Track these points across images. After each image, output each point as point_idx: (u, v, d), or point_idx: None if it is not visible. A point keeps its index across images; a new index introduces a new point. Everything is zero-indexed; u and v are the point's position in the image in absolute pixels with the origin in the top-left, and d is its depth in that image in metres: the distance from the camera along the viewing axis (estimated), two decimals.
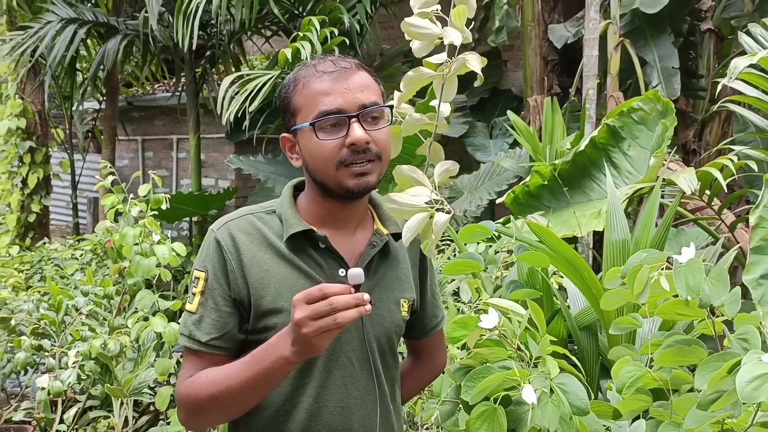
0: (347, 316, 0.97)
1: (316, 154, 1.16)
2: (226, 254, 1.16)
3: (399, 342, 1.31)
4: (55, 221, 7.90)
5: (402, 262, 1.29)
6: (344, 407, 1.18)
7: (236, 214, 1.22)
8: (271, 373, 1.06)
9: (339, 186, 1.16)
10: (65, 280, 4.11)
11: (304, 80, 1.18)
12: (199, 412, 1.14)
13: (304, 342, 1.00)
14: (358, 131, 1.14)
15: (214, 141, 6.18)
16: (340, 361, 1.19)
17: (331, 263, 1.19)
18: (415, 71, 1.50)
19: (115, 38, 5.47)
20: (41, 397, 2.64)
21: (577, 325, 2.65)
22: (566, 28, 5.47)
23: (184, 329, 1.18)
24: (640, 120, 3.38)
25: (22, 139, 6.35)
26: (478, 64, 1.47)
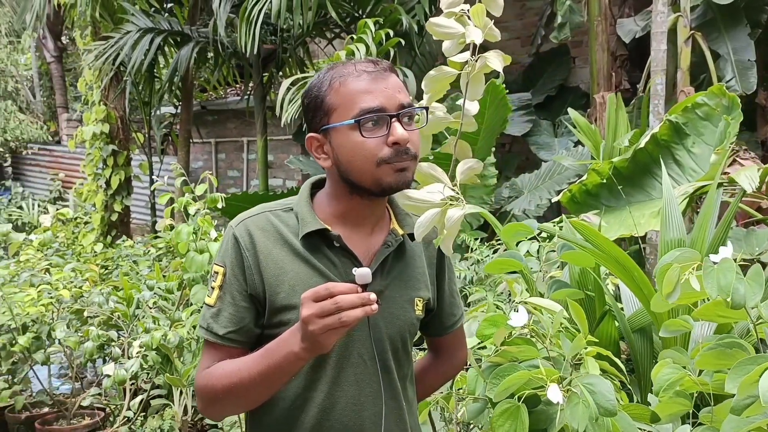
0: (352, 315, 0.99)
1: (356, 152, 1.16)
2: (243, 250, 1.19)
3: (413, 340, 1.32)
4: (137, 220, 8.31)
5: (417, 262, 1.30)
6: (356, 404, 1.20)
7: (254, 211, 1.25)
8: (281, 368, 1.09)
9: (377, 183, 1.17)
10: (138, 275, 4.33)
11: (340, 79, 1.18)
12: (215, 402, 1.18)
13: (311, 339, 1.02)
14: (401, 130, 1.15)
15: (281, 142, 6.35)
16: (353, 358, 1.20)
17: (345, 262, 1.20)
18: (437, 71, 1.51)
19: (187, 46, 5.72)
20: (107, 384, 2.80)
21: (630, 328, 2.58)
22: (635, 22, 5.29)
23: (202, 322, 1.22)
24: (704, 116, 3.25)
25: (105, 143, 6.70)
26: (499, 62, 1.47)
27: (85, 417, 3.42)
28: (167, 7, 6.77)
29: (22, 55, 13.39)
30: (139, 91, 6.59)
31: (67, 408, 3.38)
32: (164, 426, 3.27)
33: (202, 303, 2.49)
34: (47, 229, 3.78)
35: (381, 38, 4.01)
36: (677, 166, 3.29)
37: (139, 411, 3.06)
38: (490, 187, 4.44)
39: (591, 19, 5.25)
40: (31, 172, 11.76)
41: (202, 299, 2.54)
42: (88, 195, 6.92)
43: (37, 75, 13.06)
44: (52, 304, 3.22)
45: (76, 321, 3.26)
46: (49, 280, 3.37)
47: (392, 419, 1.23)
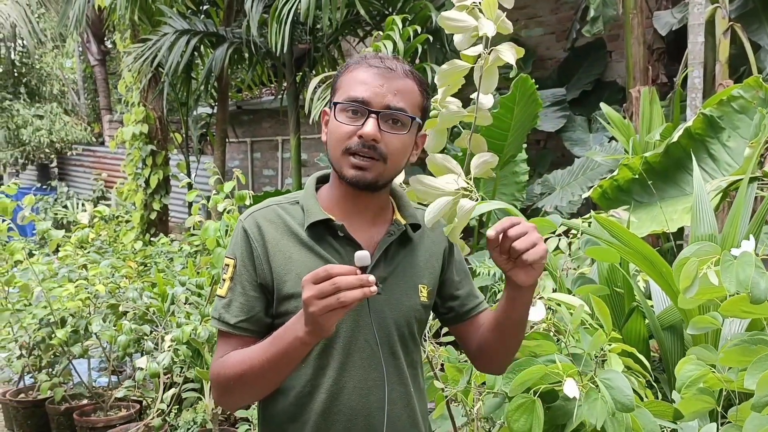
0: (350, 296, 1.00)
1: (332, 134, 1.23)
2: (253, 242, 1.23)
3: (422, 328, 1.33)
4: (175, 218, 8.48)
5: (420, 251, 1.32)
6: (363, 388, 1.22)
7: (262, 205, 1.30)
8: (288, 353, 1.11)
9: (340, 171, 1.22)
10: (172, 271, 4.43)
11: (353, 66, 1.25)
12: (228, 391, 1.21)
13: (312, 321, 1.04)
14: (370, 126, 1.18)
15: (315, 141, 6.41)
16: (359, 343, 1.22)
17: (349, 251, 1.22)
18: (449, 64, 1.52)
19: (222, 46, 5.81)
20: (140, 377, 2.88)
21: (660, 325, 2.53)
22: (672, 14, 5.17)
23: (215, 312, 1.26)
24: (740, 108, 3.16)
25: (144, 143, 6.86)
26: (512, 55, 1.46)
27: (121, 409, 3.52)
28: (203, 9, 6.89)
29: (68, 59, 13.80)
30: (176, 92, 6.72)
31: (104, 400, 3.48)
32: (197, 419, 3.34)
33: None
34: (85, 227, 3.89)
35: (409, 35, 4.01)
36: (712, 160, 3.21)
37: (172, 404, 3.13)
38: (521, 184, 4.40)
39: (626, 12, 5.15)
40: (76, 172, 12.12)
41: None
42: (129, 194, 7.10)
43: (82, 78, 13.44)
44: (89, 299, 3.32)
45: (112, 315, 3.36)
46: (86, 276, 3.47)
47: (400, 404, 1.25)
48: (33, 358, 3.68)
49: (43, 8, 10.93)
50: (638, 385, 1.82)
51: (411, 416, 1.28)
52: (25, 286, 3.32)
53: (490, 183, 4.21)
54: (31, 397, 3.75)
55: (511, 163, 4.34)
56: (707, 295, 1.47)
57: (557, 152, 6.11)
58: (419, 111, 1.25)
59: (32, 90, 11.94)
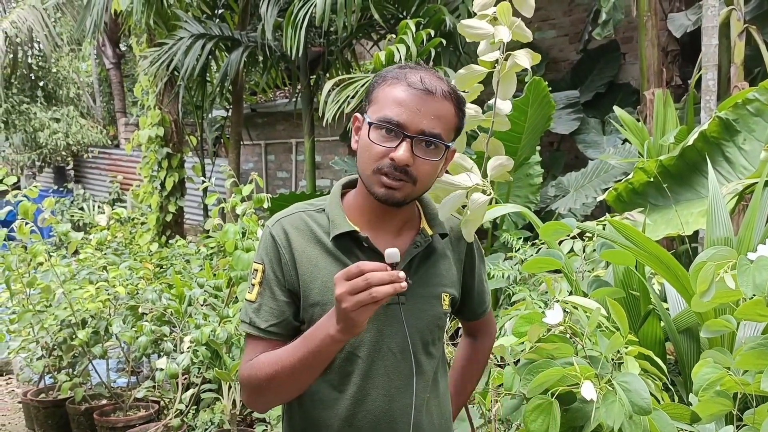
0: (382, 291, 1.02)
1: (364, 149, 1.23)
2: (280, 248, 1.25)
3: (443, 334, 1.36)
4: (190, 220, 8.55)
5: (444, 259, 1.34)
6: (387, 395, 1.24)
7: (289, 211, 1.32)
8: (319, 352, 1.13)
9: (369, 187, 1.23)
10: (189, 273, 4.48)
11: (392, 80, 1.23)
12: (259, 392, 1.24)
13: (344, 317, 1.06)
14: (404, 152, 1.18)
15: (329, 143, 6.44)
16: (383, 351, 1.24)
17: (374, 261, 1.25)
18: (466, 69, 1.54)
19: (237, 50, 5.86)
20: (159, 378, 2.92)
21: (676, 328, 2.54)
22: (687, 16, 5.17)
23: (244, 316, 1.28)
24: (756, 112, 3.16)
25: (160, 146, 6.93)
26: (528, 61, 1.49)
27: (140, 409, 3.57)
28: (218, 13, 6.95)
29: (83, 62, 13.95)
30: (191, 96, 6.78)
31: (123, 400, 3.53)
32: (215, 419, 3.38)
33: None
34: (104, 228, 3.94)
35: (422, 39, 4.03)
36: (727, 163, 3.21)
37: (191, 404, 3.17)
38: (535, 186, 4.41)
39: (640, 14, 5.15)
40: (92, 174, 12.24)
41: None
42: (144, 196, 7.17)
43: (97, 81, 13.57)
44: (109, 300, 3.37)
45: (131, 317, 3.40)
46: (107, 278, 3.52)
47: (423, 411, 1.28)
48: (53, 359, 3.74)
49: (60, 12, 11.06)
50: (655, 387, 1.83)
51: (433, 422, 1.30)
52: (47, 287, 3.37)
53: (504, 185, 4.23)
54: (51, 397, 3.81)
55: (525, 166, 4.35)
56: (724, 299, 1.49)
57: (570, 154, 6.11)
58: (454, 133, 1.26)
59: (49, 93, 12.08)
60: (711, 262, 1.45)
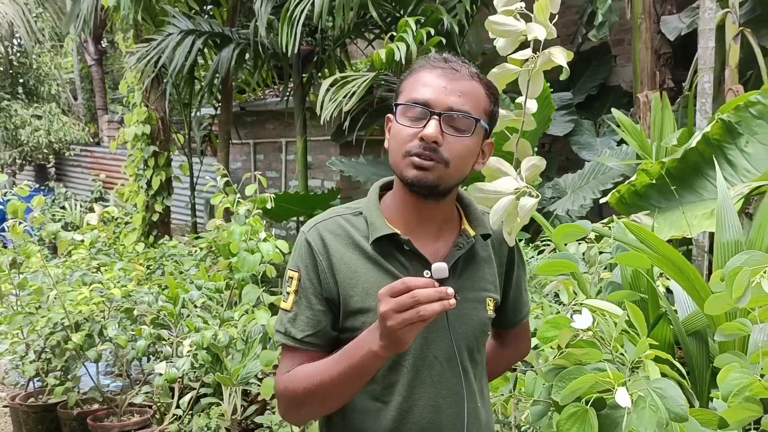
0: (430, 309, 0.98)
1: (394, 137, 1.20)
2: (317, 254, 1.20)
3: (486, 340, 1.32)
4: (176, 220, 8.43)
5: (487, 262, 1.30)
6: (434, 405, 1.20)
7: (325, 216, 1.26)
8: (361, 367, 1.09)
9: (401, 174, 1.18)
10: (182, 275, 4.39)
11: (416, 68, 1.22)
12: (297, 406, 1.18)
13: (389, 335, 1.01)
14: (432, 128, 1.14)
15: (320, 143, 6.38)
16: (428, 359, 1.20)
17: (416, 265, 1.20)
18: (499, 68, 1.50)
19: (228, 47, 5.78)
20: (159, 383, 2.85)
21: (685, 331, 2.53)
22: (680, 19, 5.19)
23: (279, 327, 1.22)
24: (758, 114, 3.17)
25: (146, 144, 6.81)
26: (563, 57, 1.46)
27: (134, 414, 3.49)
28: (207, 9, 6.85)
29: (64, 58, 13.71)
30: (179, 93, 6.68)
31: (117, 405, 3.44)
32: (211, 424, 3.31)
33: (253, 303, 2.51)
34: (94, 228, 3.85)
35: (422, 37, 4.00)
36: (730, 166, 3.21)
37: (188, 409, 3.10)
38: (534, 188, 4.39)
39: (635, 16, 5.17)
40: (73, 173, 12.03)
41: (253, 299, 2.58)
42: (130, 195, 7.04)
43: (79, 78, 13.35)
44: (104, 302, 3.28)
45: (126, 319, 3.32)
46: (101, 279, 3.43)
47: (470, 420, 1.23)
48: (41, 362, 3.64)
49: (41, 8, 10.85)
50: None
51: (480, 430, 1.26)
52: (39, 289, 3.28)
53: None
54: (41, 401, 3.71)
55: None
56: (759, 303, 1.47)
57: (562, 155, 6.12)
58: (485, 115, 1.22)
59: (30, 90, 11.84)
60: (747, 267, 1.43)
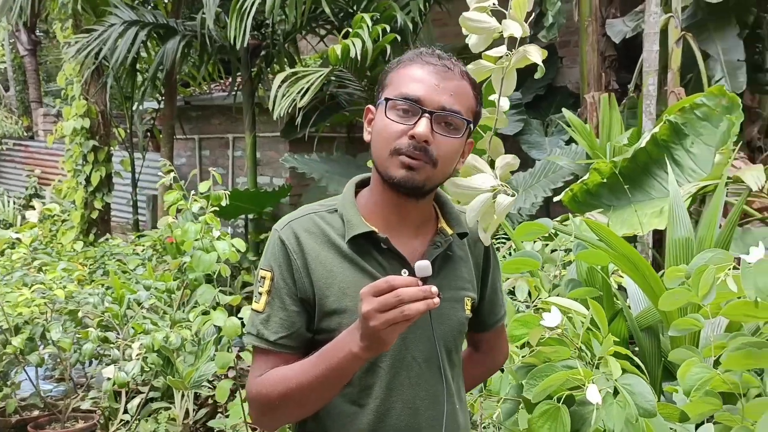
0: (415, 309, 0.95)
1: (379, 131, 1.16)
2: (291, 253, 1.16)
3: (463, 341, 1.30)
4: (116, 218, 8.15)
5: (464, 261, 1.28)
6: (412, 407, 1.17)
7: (298, 213, 1.22)
8: (340, 369, 1.06)
9: (386, 172, 1.15)
10: (127, 274, 4.24)
11: (407, 61, 1.18)
12: (271, 410, 1.14)
13: (372, 336, 0.99)
14: (423, 127, 1.11)
15: (269, 139, 6.28)
16: (406, 361, 1.17)
17: (394, 264, 1.18)
18: (475, 64, 1.49)
19: (173, 39, 5.61)
20: (107, 387, 2.73)
21: (638, 326, 2.59)
22: (625, 22, 5.33)
23: (251, 328, 1.18)
24: (703, 116, 3.28)
25: (86, 139, 6.56)
26: (539, 55, 1.46)
27: (78, 420, 3.34)
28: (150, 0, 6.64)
29: None
30: (120, 86, 6.45)
31: (60, 411, 3.28)
32: (160, 429, 3.20)
33: (209, 304, 2.43)
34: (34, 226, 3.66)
35: (377, 34, 3.97)
36: (676, 165, 3.32)
37: (137, 414, 2.99)
38: None
39: (582, 19, 5.28)
40: (5, 168, 11.45)
41: (209, 299, 2.49)
42: (68, 192, 6.77)
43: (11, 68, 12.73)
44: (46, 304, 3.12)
45: (70, 322, 3.17)
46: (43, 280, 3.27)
47: (448, 421, 1.21)
48: None
49: None
50: None
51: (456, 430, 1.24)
52: None
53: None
54: None
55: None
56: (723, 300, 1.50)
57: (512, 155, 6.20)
58: (472, 116, 1.20)
59: None
60: (712, 266, 1.46)
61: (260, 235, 5.84)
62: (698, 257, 1.55)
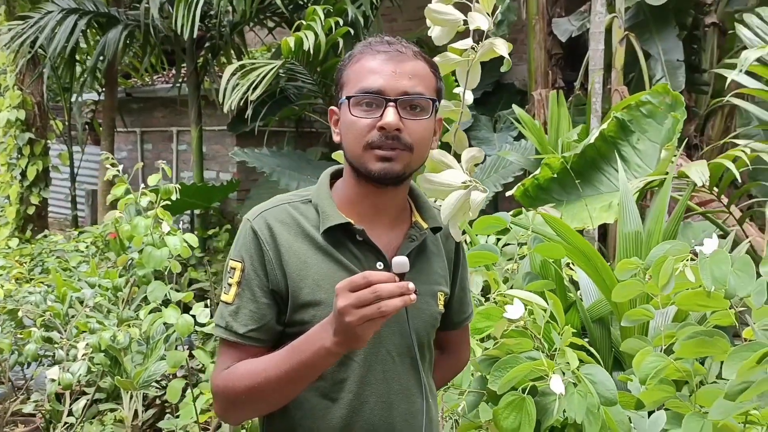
0: (392, 305, 0.95)
1: (348, 131, 1.14)
2: (264, 244, 1.14)
3: (434, 336, 1.29)
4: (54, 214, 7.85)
5: (438, 256, 1.27)
6: (386, 402, 1.16)
7: (271, 203, 1.20)
8: (312, 365, 1.04)
9: (364, 168, 1.13)
10: (68, 272, 4.08)
11: (358, 55, 1.16)
12: (237, 404, 1.12)
13: (347, 331, 0.97)
14: (391, 116, 1.10)
15: (215, 133, 6.15)
16: (381, 355, 1.16)
17: (369, 256, 1.17)
18: (441, 57, 1.49)
19: (116, 29, 5.42)
20: (51, 389, 2.62)
21: (590, 318, 2.65)
22: (570, 21, 5.45)
23: (220, 320, 1.15)
24: (648, 113, 3.38)
25: (21, 131, 6.30)
26: (505, 48, 1.47)
27: (18, 424, 3.18)
28: None
29: None
30: (58, 76, 6.19)
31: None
32: (106, 431, 3.09)
33: (160, 301, 2.36)
34: None
35: (330, 26, 3.93)
36: (623, 161, 3.41)
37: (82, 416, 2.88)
38: None
39: (530, 17, 5.37)
40: None
41: (160, 297, 2.41)
42: (2, 186, 6.48)
43: None
44: None
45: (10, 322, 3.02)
46: None
47: (421, 416, 1.20)
48: None
49: None
50: None
51: (429, 426, 1.23)
52: None
53: None
54: None
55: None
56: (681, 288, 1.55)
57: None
58: (435, 93, 1.19)
59: None
60: (671, 257, 1.50)
61: (207, 231, 5.72)
62: (656, 249, 1.59)
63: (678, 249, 1.54)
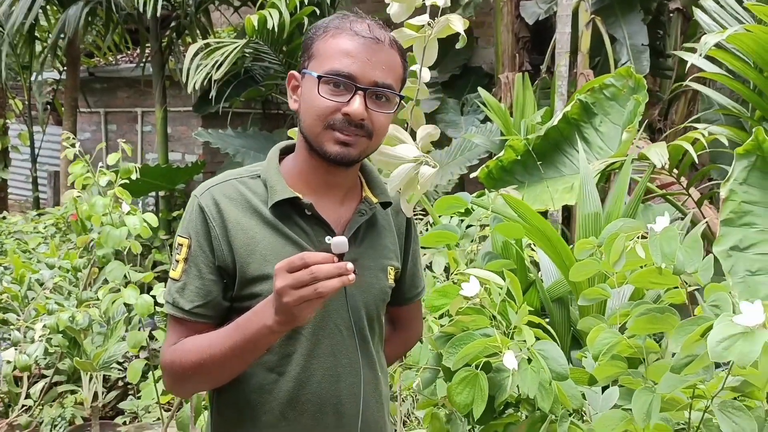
0: (328, 286, 0.95)
1: (311, 106, 1.13)
2: (210, 220, 1.13)
3: (385, 310, 1.30)
4: (14, 195, 7.68)
5: (388, 230, 1.28)
6: (333, 375, 1.17)
7: (219, 179, 1.19)
8: (254, 342, 1.04)
9: (320, 147, 1.13)
10: (27, 254, 4.00)
11: (334, 30, 1.14)
12: (183, 379, 1.12)
13: (285, 311, 0.98)
14: (358, 105, 1.10)
15: (180, 114, 6.05)
16: (328, 329, 1.17)
17: (318, 230, 1.17)
18: (397, 32, 1.48)
19: (76, 5, 5.28)
20: (7, 371, 2.57)
21: (549, 297, 2.69)
22: (538, 4, 5.47)
23: (168, 297, 1.15)
24: (611, 96, 3.42)
25: None
26: (461, 24, 1.47)
27: None
28: None
29: None
30: (17, 54, 6.03)
31: None
32: (66, 414, 3.06)
33: (119, 281, 2.33)
34: None
35: (295, 5, 3.89)
36: (585, 143, 3.44)
37: (41, 399, 2.84)
38: None
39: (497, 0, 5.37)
40: None
41: (119, 277, 2.38)
42: None
43: None
44: None
45: None
46: None
47: (369, 388, 1.21)
48: None
49: None
50: None
51: (379, 400, 1.24)
52: None
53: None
54: None
55: None
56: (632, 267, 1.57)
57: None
58: (401, 84, 1.19)
59: None
60: (623, 233, 1.53)
61: (172, 213, 5.66)
62: (610, 226, 1.62)
63: (630, 226, 1.57)
